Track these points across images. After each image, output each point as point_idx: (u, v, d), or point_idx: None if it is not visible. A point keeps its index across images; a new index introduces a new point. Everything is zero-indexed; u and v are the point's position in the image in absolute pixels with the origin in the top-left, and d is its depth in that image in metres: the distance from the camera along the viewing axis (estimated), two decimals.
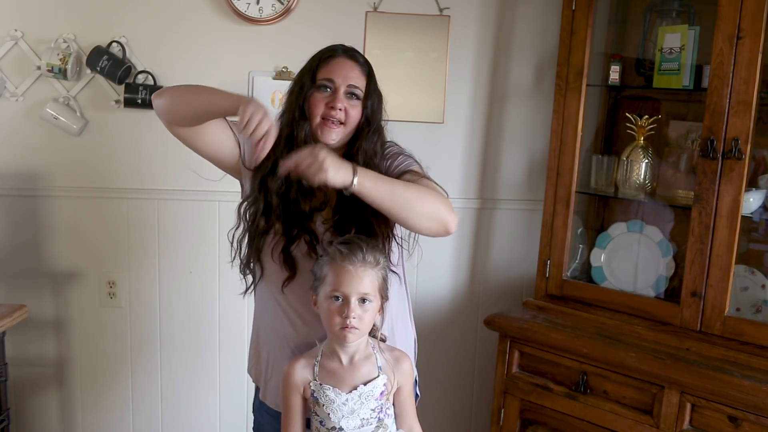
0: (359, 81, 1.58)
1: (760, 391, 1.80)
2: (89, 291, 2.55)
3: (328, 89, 1.56)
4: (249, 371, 1.79)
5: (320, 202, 1.59)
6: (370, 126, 1.59)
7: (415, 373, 1.66)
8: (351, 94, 1.57)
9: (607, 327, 2.15)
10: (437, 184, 1.60)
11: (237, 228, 1.64)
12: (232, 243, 1.64)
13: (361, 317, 1.47)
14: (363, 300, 1.47)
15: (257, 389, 1.77)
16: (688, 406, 1.92)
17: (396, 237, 1.64)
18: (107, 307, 2.56)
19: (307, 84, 1.57)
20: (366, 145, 1.59)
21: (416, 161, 1.67)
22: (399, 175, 1.59)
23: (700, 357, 1.96)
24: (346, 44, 1.65)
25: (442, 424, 2.71)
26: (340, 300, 1.47)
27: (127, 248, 2.53)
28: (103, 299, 2.56)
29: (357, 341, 1.51)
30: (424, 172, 1.64)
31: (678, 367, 1.93)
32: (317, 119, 1.55)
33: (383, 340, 1.59)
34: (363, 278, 1.47)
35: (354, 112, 1.57)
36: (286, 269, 1.58)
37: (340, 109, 1.54)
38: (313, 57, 1.62)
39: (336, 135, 1.56)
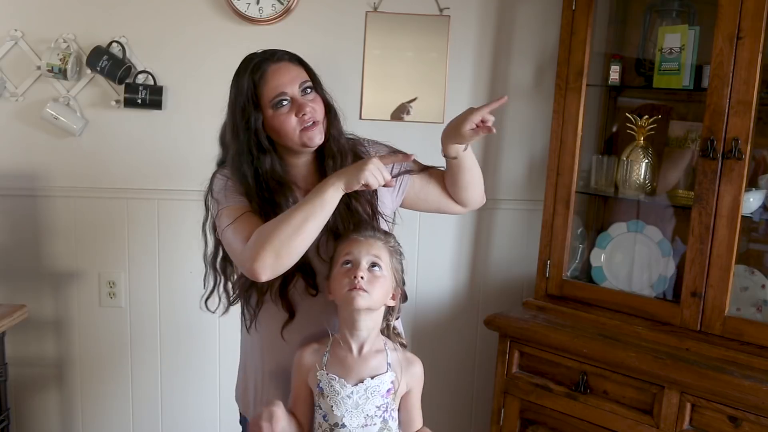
0: (302, 75, 1.54)
1: (760, 391, 1.80)
2: (89, 291, 2.55)
3: (285, 102, 1.50)
4: (237, 399, 1.75)
5: None
6: (330, 111, 1.58)
7: None
8: (305, 91, 1.53)
9: (607, 327, 2.15)
10: None
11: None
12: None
13: (371, 282, 1.45)
14: (373, 265, 1.47)
15: (243, 417, 1.74)
16: (688, 406, 1.92)
17: (383, 215, 1.64)
18: (107, 307, 2.56)
19: (253, 113, 1.49)
20: (333, 131, 1.58)
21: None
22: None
23: (700, 357, 1.96)
24: (265, 49, 1.59)
25: (442, 424, 2.71)
26: (350, 264, 1.47)
27: (127, 248, 2.53)
28: (103, 299, 2.56)
29: (368, 326, 1.49)
30: None
31: (678, 367, 1.93)
32: (296, 133, 1.51)
33: (403, 346, 1.58)
34: (372, 245, 1.48)
35: (318, 105, 1.54)
36: (284, 309, 1.54)
37: (310, 111, 1.51)
38: (240, 82, 1.52)
39: (320, 134, 1.53)
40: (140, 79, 2.40)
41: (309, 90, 1.54)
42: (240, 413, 1.77)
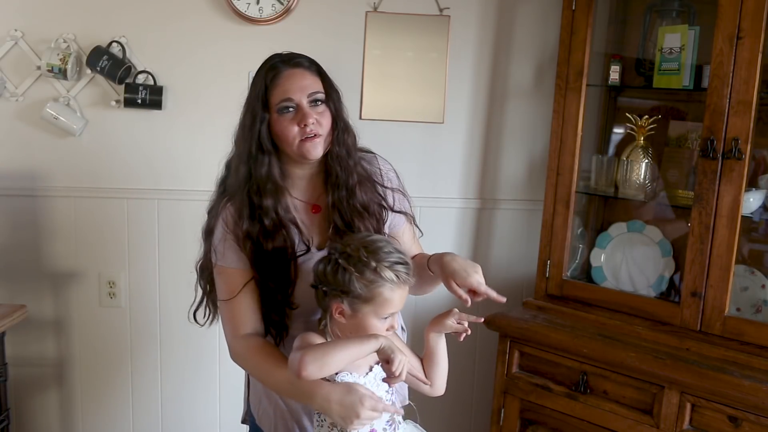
0: (315, 85, 1.51)
1: (760, 391, 1.80)
2: (89, 291, 2.55)
3: (290, 109, 1.48)
4: (251, 407, 1.72)
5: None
6: (338, 126, 1.54)
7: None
8: (314, 102, 1.50)
9: (607, 327, 2.15)
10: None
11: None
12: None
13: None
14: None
15: (251, 414, 1.72)
16: (688, 406, 1.92)
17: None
18: (107, 307, 2.56)
19: (260, 113, 1.48)
20: (339, 149, 1.54)
21: (408, 198, 1.70)
22: (395, 217, 1.66)
23: (700, 357, 1.96)
24: (285, 51, 1.57)
25: (442, 424, 2.71)
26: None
27: (127, 248, 2.53)
28: (103, 299, 2.56)
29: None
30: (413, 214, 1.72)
31: (678, 367, 1.93)
32: (295, 142, 1.49)
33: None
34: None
35: (324, 118, 1.51)
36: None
37: (313, 123, 1.48)
38: (256, 81, 1.52)
39: (319, 147, 1.51)
40: (140, 79, 2.40)
41: (319, 102, 1.51)
42: (251, 422, 1.73)
